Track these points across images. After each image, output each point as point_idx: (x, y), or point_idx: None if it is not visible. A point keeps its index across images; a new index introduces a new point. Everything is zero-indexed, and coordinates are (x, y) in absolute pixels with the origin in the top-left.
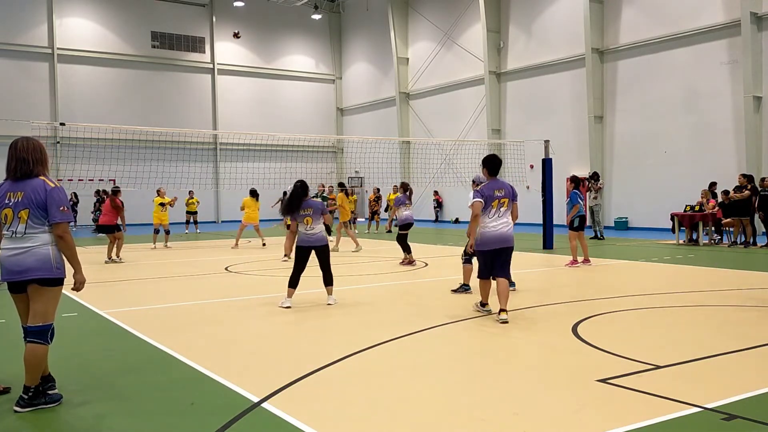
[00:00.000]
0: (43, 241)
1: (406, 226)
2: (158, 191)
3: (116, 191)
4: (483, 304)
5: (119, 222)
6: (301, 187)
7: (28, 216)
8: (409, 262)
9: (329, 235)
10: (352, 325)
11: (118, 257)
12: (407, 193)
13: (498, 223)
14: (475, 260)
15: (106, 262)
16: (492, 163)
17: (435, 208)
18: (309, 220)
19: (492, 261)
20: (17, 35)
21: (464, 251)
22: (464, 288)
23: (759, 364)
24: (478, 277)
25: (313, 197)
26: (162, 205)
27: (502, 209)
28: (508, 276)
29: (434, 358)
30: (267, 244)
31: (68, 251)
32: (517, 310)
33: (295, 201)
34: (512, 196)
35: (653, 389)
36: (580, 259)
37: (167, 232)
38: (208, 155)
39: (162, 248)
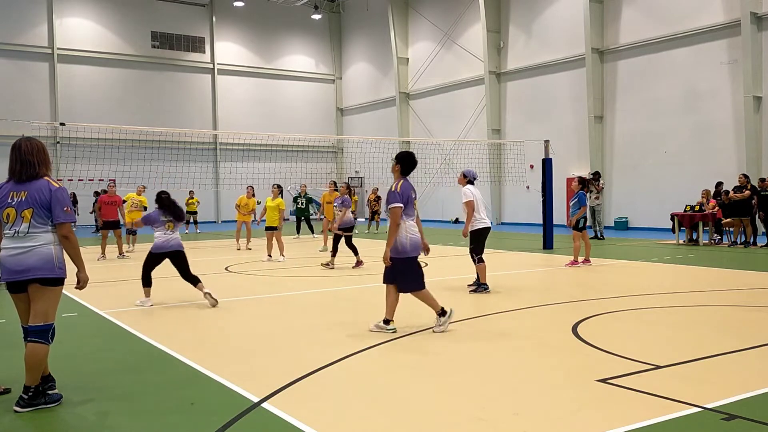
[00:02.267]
0: (46, 241)
1: (351, 228)
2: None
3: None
4: (387, 321)
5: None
6: (169, 196)
7: (32, 215)
8: (359, 263)
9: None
10: (352, 325)
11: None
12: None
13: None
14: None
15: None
16: (408, 162)
17: (371, 210)
18: (170, 225)
19: (418, 267)
20: (17, 35)
21: (473, 251)
22: (483, 287)
23: (759, 364)
24: (390, 283)
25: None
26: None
27: (415, 211)
28: None
29: (434, 358)
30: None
31: (72, 250)
32: (517, 310)
33: (176, 208)
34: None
35: (653, 389)
36: (580, 259)
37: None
38: (208, 155)
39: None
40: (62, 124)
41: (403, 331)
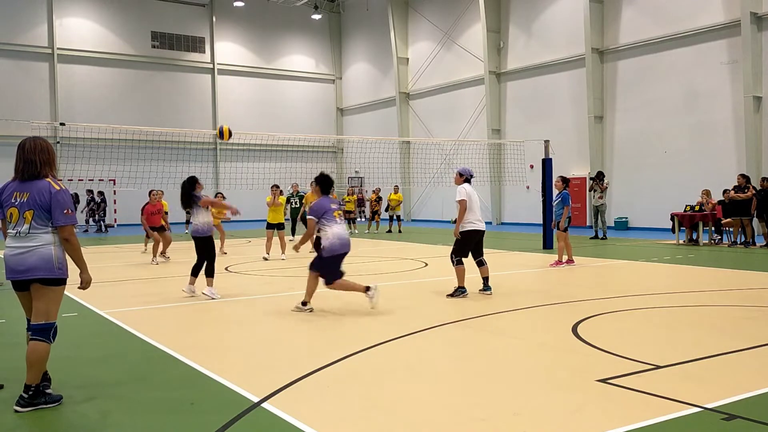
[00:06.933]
0: (46, 241)
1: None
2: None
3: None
4: (305, 303)
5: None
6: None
7: (33, 217)
8: None
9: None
10: (351, 325)
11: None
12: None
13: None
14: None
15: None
16: (324, 183)
17: (372, 210)
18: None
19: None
20: (17, 35)
21: (453, 253)
22: (460, 291)
23: (759, 364)
24: (314, 271)
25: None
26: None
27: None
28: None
29: (434, 358)
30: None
31: (74, 253)
32: (517, 310)
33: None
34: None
35: (653, 389)
36: (564, 258)
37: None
38: (208, 155)
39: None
40: (62, 124)
41: (402, 331)
